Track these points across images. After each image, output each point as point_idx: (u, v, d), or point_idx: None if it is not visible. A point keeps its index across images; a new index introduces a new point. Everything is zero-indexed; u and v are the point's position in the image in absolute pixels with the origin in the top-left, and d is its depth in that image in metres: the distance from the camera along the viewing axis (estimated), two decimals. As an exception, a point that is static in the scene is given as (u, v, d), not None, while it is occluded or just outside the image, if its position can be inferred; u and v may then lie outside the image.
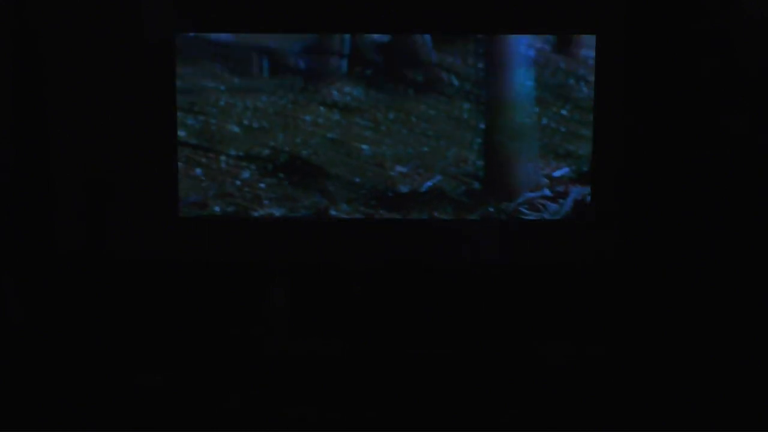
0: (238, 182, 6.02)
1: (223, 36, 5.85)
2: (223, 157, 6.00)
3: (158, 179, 5.90)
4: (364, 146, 5.99)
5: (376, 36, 5.86)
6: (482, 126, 5.94)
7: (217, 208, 6.00)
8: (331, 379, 5.26)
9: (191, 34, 5.83)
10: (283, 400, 5.02)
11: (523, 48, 5.85)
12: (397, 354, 5.50)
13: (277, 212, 5.96)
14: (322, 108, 5.95)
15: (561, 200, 5.98)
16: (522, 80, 5.89)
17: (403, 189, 6.02)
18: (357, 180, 6.03)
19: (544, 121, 5.92)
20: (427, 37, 5.85)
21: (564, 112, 5.91)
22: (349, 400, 5.03)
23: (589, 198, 5.92)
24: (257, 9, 5.72)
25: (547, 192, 5.99)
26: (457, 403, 5.06)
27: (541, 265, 5.89)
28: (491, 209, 5.98)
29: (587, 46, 5.80)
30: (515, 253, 5.93)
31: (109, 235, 5.87)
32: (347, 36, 5.85)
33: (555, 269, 5.88)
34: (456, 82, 5.92)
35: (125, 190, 5.86)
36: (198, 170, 6.01)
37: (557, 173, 5.98)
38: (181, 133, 5.94)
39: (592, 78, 5.81)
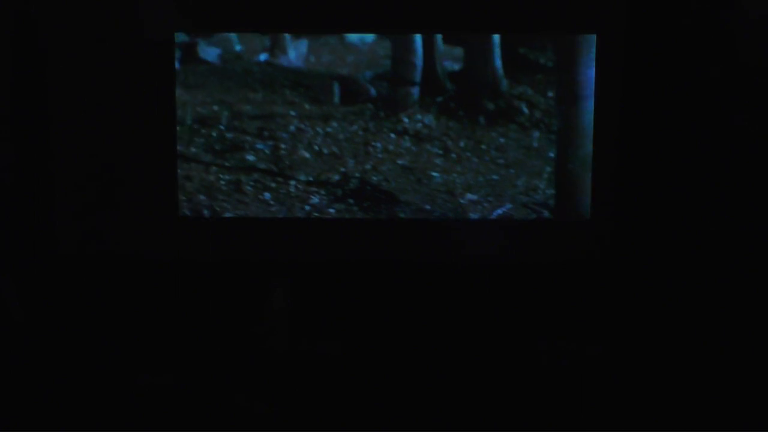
0: (307, 207, 5.90)
1: (295, 62, 5.86)
2: (292, 182, 5.90)
3: (158, 179, 5.84)
4: (435, 173, 5.92)
5: (447, 63, 5.87)
6: (552, 155, 5.88)
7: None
8: (331, 379, 5.12)
9: (263, 57, 5.85)
10: (282, 399, 4.90)
11: (593, 77, 5.83)
12: (397, 353, 5.38)
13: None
14: (392, 135, 5.91)
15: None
16: (592, 109, 5.84)
17: (473, 216, 5.90)
18: (427, 207, 5.91)
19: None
20: (498, 64, 5.86)
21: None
22: (349, 400, 4.92)
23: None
24: (257, 9, 5.74)
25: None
26: (457, 403, 4.93)
27: (540, 263, 5.83)
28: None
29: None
30: (515, 253, 5.86)
31: (109, 235, 5.81)
32: (419, 63, 5.87)
33: (554, 268, 5.81)
34: (527, 111, 5.89)
35: (125, 190, 5.81)
36: (267, 194, 5.90)
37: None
38: (250, 158, 5.88)
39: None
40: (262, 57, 5.87)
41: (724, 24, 5.52)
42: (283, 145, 5.87)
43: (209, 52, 5.84)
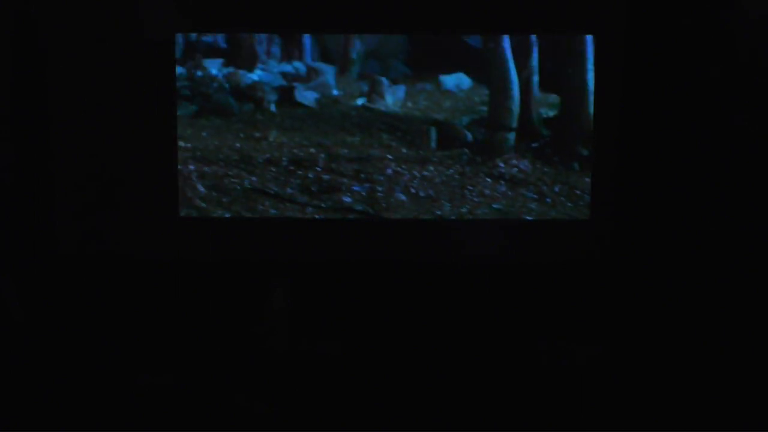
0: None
1: (392, 107, 5.94)
2: (388, 224, 6.00)
3: (158, 179, 5.84)
4: (529, 218, 5.96)
5: (542, 110, 5.93)
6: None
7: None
8: (331, 379, 5.11)
9: (361, 102, 5.93)
10: (282, 399, 4.89)
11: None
12: (397, 353, 5.38)
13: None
14: (488, 179, 5.96)
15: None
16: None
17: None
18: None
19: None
20: (593, 111, 5.90)
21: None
22: (349, 400, 4.92)
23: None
24: (256, 9, 5.75)
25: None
26: (457, 403, 4.92)
27: (540, 263, 5.84)
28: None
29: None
30: (515, 253, 5.89)
31: (109, 235, 5.81)
32: (516, 109, 5.91)
33: (554, 268, 5.82)
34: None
35: (125, 190, 5.81)
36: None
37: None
38: (346, 200, 5.94)
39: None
40: (360, 101, 5.95)
41: (724, 24, 5.51)
42: (379, 188, 5.95)
43: (306, 96, 5.93)
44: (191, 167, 5.86)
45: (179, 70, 5.84)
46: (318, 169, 5.90)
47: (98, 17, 5.65)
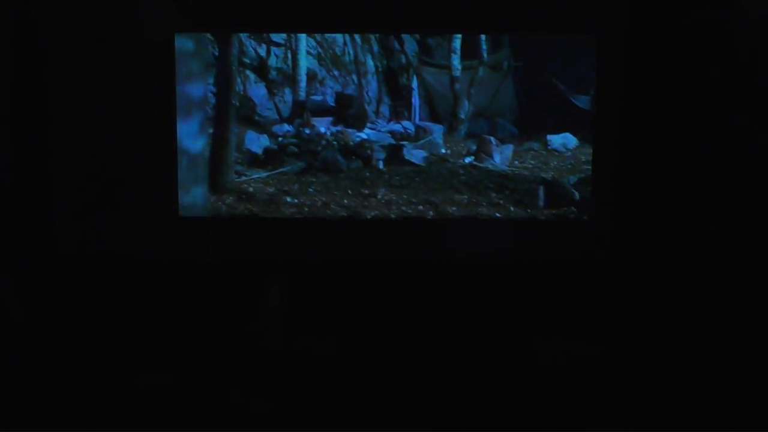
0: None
1: (500, 165, 5.98)
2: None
3: (158, 179, 5.85)
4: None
5: None
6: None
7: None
8: (327, 377, 5.12)
9: (469, 160, 5.96)
10: (279, 397, 4.90)
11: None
12: (393, 351, 5.40)
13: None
14: None
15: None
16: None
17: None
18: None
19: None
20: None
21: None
22: (345, 398, 4.92)
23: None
24: (256, 9, 5.78)
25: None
26: (455, 402, 4.93)
27: (541, 263, 5.85)
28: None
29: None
30: (515, 253, 5.90)
31: (109, 235, 5.83)
32: None
33: (555, 268, 5.83)
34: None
35: (125, 190, 5.83)
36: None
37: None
38: None
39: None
40: (467, 160, 5.99)
41: (724, 24, 5.51)
42: (487, 245, 6.01)
43: (415, 154, 6.00)
44: (298, 222, 5.94)
45: (286, 127, 5.91)
46: (427, 226, 5.98)
47: (98, 17, 5.67)
